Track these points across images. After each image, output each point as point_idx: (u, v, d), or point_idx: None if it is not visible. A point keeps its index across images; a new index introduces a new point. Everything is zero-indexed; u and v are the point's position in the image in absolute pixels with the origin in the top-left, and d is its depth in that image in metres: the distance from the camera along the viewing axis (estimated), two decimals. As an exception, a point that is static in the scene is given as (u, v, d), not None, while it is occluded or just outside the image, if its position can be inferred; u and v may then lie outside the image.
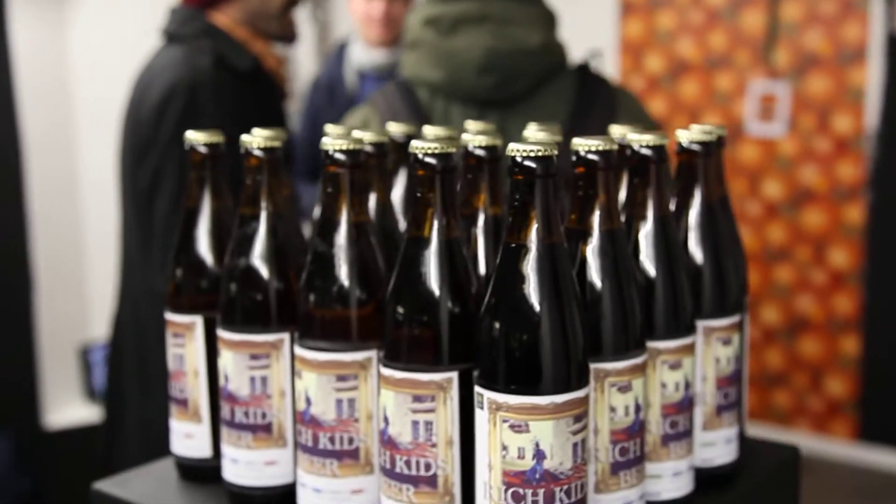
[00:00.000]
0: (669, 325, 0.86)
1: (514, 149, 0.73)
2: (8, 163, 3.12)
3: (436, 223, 0.79)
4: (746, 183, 3.64)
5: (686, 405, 0.88)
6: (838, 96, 3.49)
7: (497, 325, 0.73)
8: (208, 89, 1.68)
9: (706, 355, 0.93)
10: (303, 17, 3.75)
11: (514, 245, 0.74)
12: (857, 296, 3.50)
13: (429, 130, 1.00)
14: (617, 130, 0.96)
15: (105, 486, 0.98)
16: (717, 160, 0.97)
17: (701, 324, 0.92)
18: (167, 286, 0.99)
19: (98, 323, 3.45)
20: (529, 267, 0.73)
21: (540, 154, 0.73)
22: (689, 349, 0.88)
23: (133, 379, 1.77)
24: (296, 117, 3.17)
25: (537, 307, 0.72)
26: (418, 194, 0.79)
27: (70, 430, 3.32)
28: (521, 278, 0.73)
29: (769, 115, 3.58)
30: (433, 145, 0.78)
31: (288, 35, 1.89)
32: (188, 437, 0.98)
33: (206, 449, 0.98)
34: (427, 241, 0.79)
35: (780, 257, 3.62)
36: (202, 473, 0.98)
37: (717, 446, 0.95)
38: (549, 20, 1.56)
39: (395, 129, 1.06)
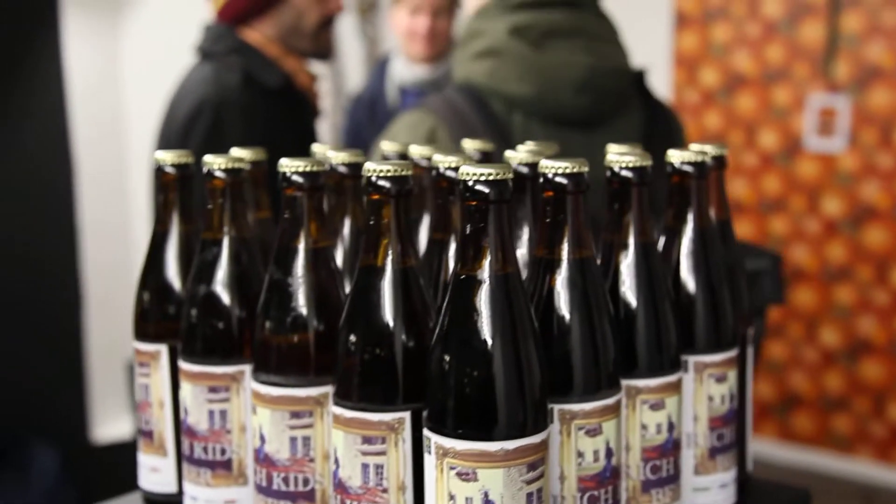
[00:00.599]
0: (650, 362, 0.80)
1: (465, 172, 0.68)
2: (60, 178, 3.16)
3: (390, 251, 0.73)
4: (805, 200, 3.51)
5: (669, 448, 0.81)
6: (901, 110, 3.35)
7: (444, 363, 0.67)
8: (235, 108, 1.67)
9: (698, 393, 0.86)
10: (351, 33, 3.74)
11: (462, 276, 0.68)
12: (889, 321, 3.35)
13: (416, 150, 0.94)
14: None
15: (68, 520, 0.94)
16: (714, 182, 0.90)
17: (692, 359, 0.85)
18: None
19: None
20: (479, 299, 0.67)
21: (493, 178, 0.67)
22: (674, 387, 0.81)
23: None
24: (338, 133, 3.15)
25: (487, 343, 0.66)
26: (371, 221, 0.73)
27: (118, 445, 3.34)
28: (470, 312, 0.67)
29: (829, 130, 3.45)
30: (388, 168, 0.73)
31: (323, 52, 1.87)
32: (154, 471, 0.94)
33: (172, 484, 0.93)
34: (380, 270, 0.73)
35: (840, 277, 3.48)
36: (169, 509, 0.94)
37: (710, 491, 0.87)
38: (619, 35, 1.50)
39: (471, 145, 0.97)
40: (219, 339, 0.85)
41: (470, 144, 0.97)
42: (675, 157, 0.87)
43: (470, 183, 0.68)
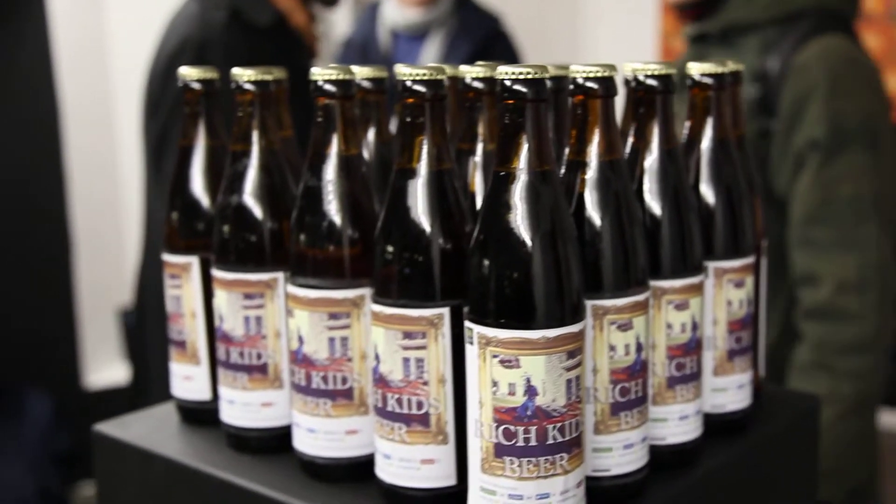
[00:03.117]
0: (675, 264, 0.83)
1: (503, 72, 0.70)
2: (47, 124, 3.14)
3: (425, 154, 0.76)
4: None
5: (693, 347, 0.84)
6: (889, 54, 3.38)
7: (487, 256, 0.70)
8: (218, 47, 1.63)
9: (717, 298, 0.89)
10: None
11: (503, 173, 0.70)
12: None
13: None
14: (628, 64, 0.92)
15: (105, 427, 0.97)
16: (731, 96, 0.92)
17: (712, 265, 0.89)
18: None
19: (137, 286, 3.48)
20: (519, 195, 0.70)
21: (530, 77, 0.69)
22: (697, 289, 0.84)
23: (156, 339, 1.76)
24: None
25: (529, 237, 0.69)
26: (407, 122, 0.76)
27: (109, 391, 3.36)
28: (512, 207, 0.70)
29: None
30: (421, 71, 0.75)
31: None
32: (187, 380, 0.97)
33: (206, 391, 0.96)
34: (418, 173, 0.76)
35: None
36: (202, 416, 0.97)
37: (728, 392, 0.91)
38: None
39: None
40: (253, 248, 0.87)
41: None
42: (695, 69, 0.89)
43: (508, 83, 0.70)
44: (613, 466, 0.79)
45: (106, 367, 3.44)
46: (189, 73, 0.94)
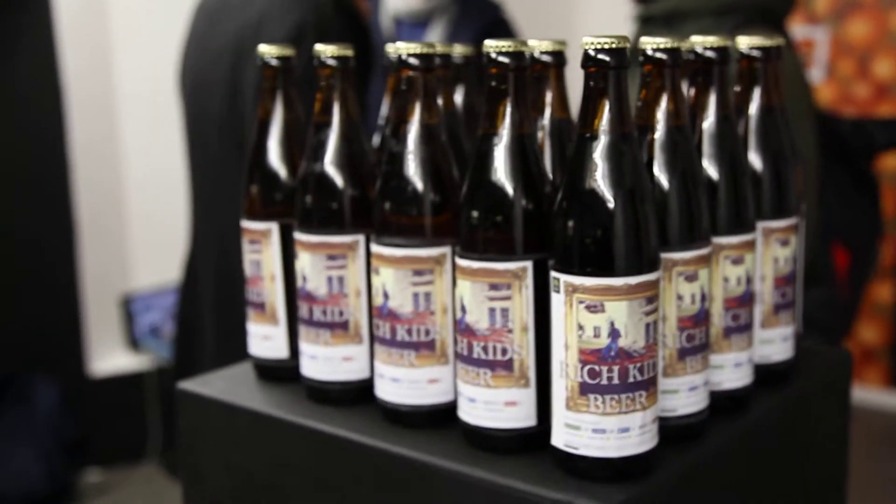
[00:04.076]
0: (731, 223, 0.90)
1: (588, 41, 0.77)
2: (50, 115, 3.19)
3: (508, 119, 0.82)
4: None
5: (747, 300, 0.91)
6: (879, 41, 3.47)
7: (574, 211, 0.76)
8: (332, 31, 1.63)
9: (765, 255, 0.96)
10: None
11: (587, 135, 0.77)
12: (891, 245, 3.50)
13: None
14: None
15: (189, 385, 1.03)
16: (775, 69, 0.99)
17: (760, 225, 0.96)
18: None
19: (139, 273, 3.52)
20: (603, 155, 0.76)
21: (613, 46, 0.76)
22: (750, 246, 0.91)
23: (213, 315, 1.80)
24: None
25: (612, 193, 0.76)
26: (492, 90, 0.82)
27: (114, 378, 3.41)
28: (597, 166, 0.76)
29: (807, 62, 3.56)
30: (504, 44, 0.81)
31: None
32: (266, 339, 1.03)
33: (283, 350, 1.02)
34: (500, 137, 0.82)
35: (816, 204, 3.61)
36: (279, 373, 1.03)
37: (774, 343, 0.98)
38: None
39: None
40: (335, 212, 0.93)
41: None
42: (743, 42, 0.96)
43: (591, 51, 0.77)
44: (680, 407, 0.86)
45: (110, 355, 3.49)
46: (267, 49, 1.00)
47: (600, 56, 0.77)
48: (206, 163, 1.81)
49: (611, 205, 0.76)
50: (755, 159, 0.96)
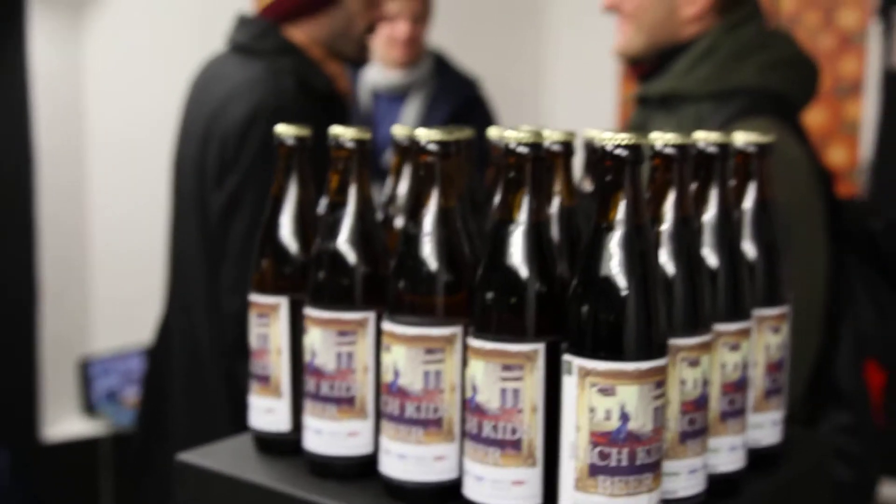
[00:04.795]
0: (730, 310, 0.94)
1: (606, 137, 0.81)
2: (18, 173, 3.16)
3: (525, 207, 0.86)
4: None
5: (742, 385, 0.95)
6: (834, 128, 3.60)
7: (589, 298, 0.80)
8: (290, 114, 1.61)
9: (758, 342, 1.00)
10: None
11: (603, 225, 0.81)
12: None
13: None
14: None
15: (190, 456, 1.03)
16: (769, 162, 1.04)
17: (755, 312, 1.00)
18: (238, 306, 1.02)
19: (98, 337, 3.49)
20: (619, 245, 0.80)
21: (631, 143, 0.80)
22: (746, 333, 0.95)
23: (181, 385, 1.80)
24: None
25: (627, 282, 0.79)
26: (509, 179, 0.86)
27: (68, 444, 3.34)
28: (611, 255, 0.80)
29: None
30: (523, 135, 0.85)
31: (363, 58, 1.88)
32: (268, 412, 1.04)
33: (286, 423, 1.04)
34: (517, 224, 0.86)
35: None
36: (280, 446, 1.04)
37: (765, 428, 1.02)
38: None
39: None
40: (348, 289, 0.96)
41: None
42: (740, 138, 1.01)
43: (609, 147, 0.81)
44: (680, 490, 0.89)
45: (64, 420, 3.42)
46: (284, 130, 1.04)
47: (617, 152, 0.81)
48: (179, 236, 1.84)
49: (624, 293, 0.79)
50: (749, 250, 1.01)
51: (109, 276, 3.47)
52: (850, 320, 1.54)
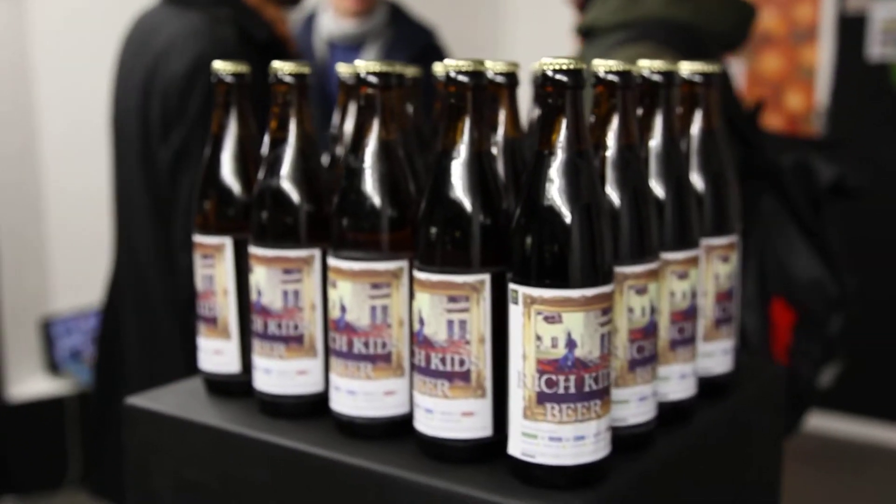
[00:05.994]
0: (676, 239, 0.93)
1: (546, 62, 0.80)
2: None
3: (466, 137, 0.84)
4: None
5: (691, 314, 0.95)
6: (790, 73, 3.61)
7: (533, 225, 0.79)
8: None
9: (707, 271, 1.00)
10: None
11: (545, 152, 0.80)
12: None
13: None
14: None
15: (139, 400, 1.02)
16: (716, 92, 1.04)
17: (704, 241, 0.99)
18: (191, 261, 1.00)
19: (59, 297, 3.45)
20: (562, 172, 0.79)
21: (570, 67, 0.79)
22: (694, 262, 0.95)
23: (135, 340, 1.79)
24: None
25: (569, 208, 0.78)
26: (451, 108, 0.84)
27: (32, 403, 3.32)
28: (554, 182, 0.79)
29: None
30: (463, 64, 0.84)
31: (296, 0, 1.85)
32: (217, 354, 1.03)
33: (235, 364, 1.02)
34: (459, 154, 0.84)
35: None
36: (231, 388, 1.03)
37: (715, 356, 1.02)
38: None
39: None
40: (292, 226, 0.94)
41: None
42: (685, 67, 1.00)
43: (549, 73, 0.80)
44: (630, 417, 0.89)
45: (29, 380, 3.40)
46: (222, 66, 1.01)
47: (558, 76, 0.79)
48: (124, 191, 1.81)
49: (568, 219, 0.78)
50: (697, 180, 1.00)
51: (68, 236, 3.43)
52: (756, 257, 1.53)
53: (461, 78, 0.84)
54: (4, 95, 3.25)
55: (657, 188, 0.93)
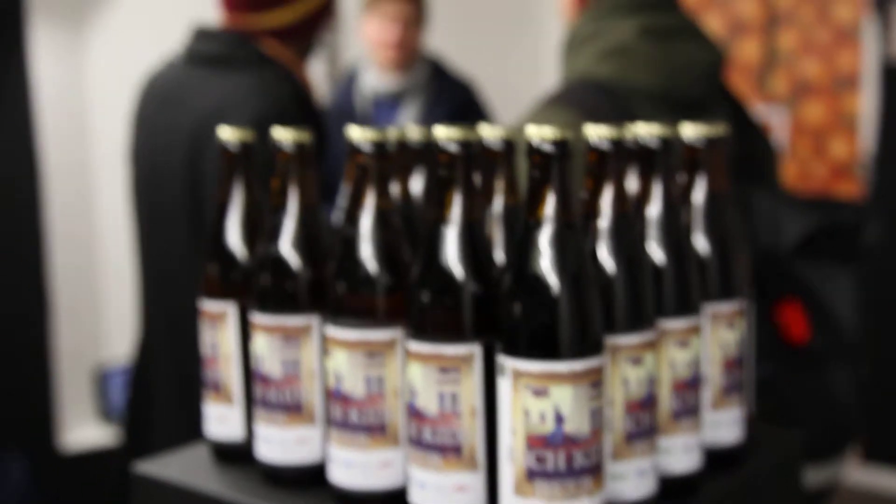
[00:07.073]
0: (677, 306, 0.92)
1: (532, 132, 0.79)
2: (26, 186, 3.19)
3: (457, 206, 0.84)
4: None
5: (695, 383, 0.93)
6: (833, 122, 3.57)
7: (520, 297, 0.78)
8: (290, 122, 1.61)
9: (712, 338, 0.98)
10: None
11: (532, 222, 0.79)
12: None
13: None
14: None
15: (145, 468, 1.02)
16: (721, 155, 1.02)
17: (709, 307, 0.98)
18: None
19: (114, 344, 3.50)
20: (547, 242, 0.78)
21: (556, 138, 0.79)
22: (696, 330, 0.93)
23: (166, 396, 1.79)
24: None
25: (554, 279, 0.78)
26: (441, 177, 0.84)
27: (85, 452, 3.36)
28: (540, 252, 0.78)
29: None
30: (453, 132, 0.84)
31: (315, 50, 1.88)
32: (221, 420, 1.03)
33: (239, 431, 1.02)
34: (448, 224, 0.84)
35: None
36: (235, 454, 1.03)
37: (724, 426, 0.99)
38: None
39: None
40: (290, 293, 0.94)
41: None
42: (687, 131, 0.99)
43: (535, 142, 0.79)
44: (628, 492, 0.87)
45: (81, 428, 3.44)
46: (228, 134, 1.02)
47: (544, 147, 0.79)
48: (162, 249, 1.80)
49: (553, 290, 0.78)
50: (701, 244, 0.99)
51: (121, 285, 3.48)
52: None
53: (450, 147, 0.84)
54: (65, 147, 3.33)
55: (656, 255, 0.92)
